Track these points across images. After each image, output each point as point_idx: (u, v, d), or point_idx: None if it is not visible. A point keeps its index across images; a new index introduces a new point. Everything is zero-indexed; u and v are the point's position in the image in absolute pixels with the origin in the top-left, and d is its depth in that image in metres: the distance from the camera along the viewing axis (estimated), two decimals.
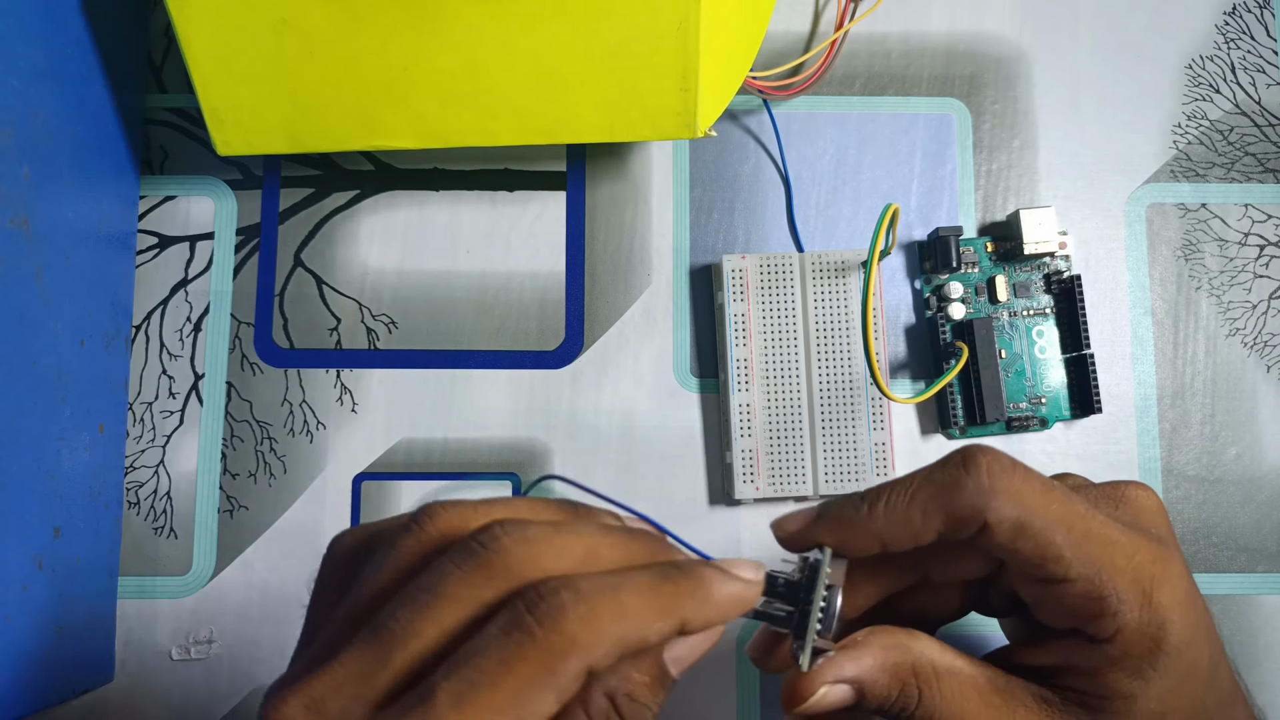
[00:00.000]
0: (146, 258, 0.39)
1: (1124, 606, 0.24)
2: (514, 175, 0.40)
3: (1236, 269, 0.40)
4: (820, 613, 0.24)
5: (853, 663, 0.25)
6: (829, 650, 0.25)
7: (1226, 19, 0.42)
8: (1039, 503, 0.24)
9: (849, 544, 0.26)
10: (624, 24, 0.33)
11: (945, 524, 0.25)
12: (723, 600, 0.22)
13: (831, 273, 0.38)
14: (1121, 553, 0.24)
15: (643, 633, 0.20)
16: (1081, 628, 0.25)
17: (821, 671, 0.25)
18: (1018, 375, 0.39)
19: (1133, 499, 0.27)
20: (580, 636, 0.19)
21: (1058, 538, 0.24)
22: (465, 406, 0.39)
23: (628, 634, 0.20)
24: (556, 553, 0.21)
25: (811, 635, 0.24)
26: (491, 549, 0.20)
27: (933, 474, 0.25)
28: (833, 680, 0.25)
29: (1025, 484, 0.25)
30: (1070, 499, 0.25)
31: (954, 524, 0.25)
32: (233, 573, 0.38)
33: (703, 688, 0.37)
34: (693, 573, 0.22)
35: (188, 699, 0.37)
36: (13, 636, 0.30)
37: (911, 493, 0.25)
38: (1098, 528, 0.24)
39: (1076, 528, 0.24)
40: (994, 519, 0.24)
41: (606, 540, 0.22)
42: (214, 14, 0.33)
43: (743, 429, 0.37)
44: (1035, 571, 0.25)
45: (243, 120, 0.34)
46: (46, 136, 0.32)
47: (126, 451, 0.38)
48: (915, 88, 0.41)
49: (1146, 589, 0.24)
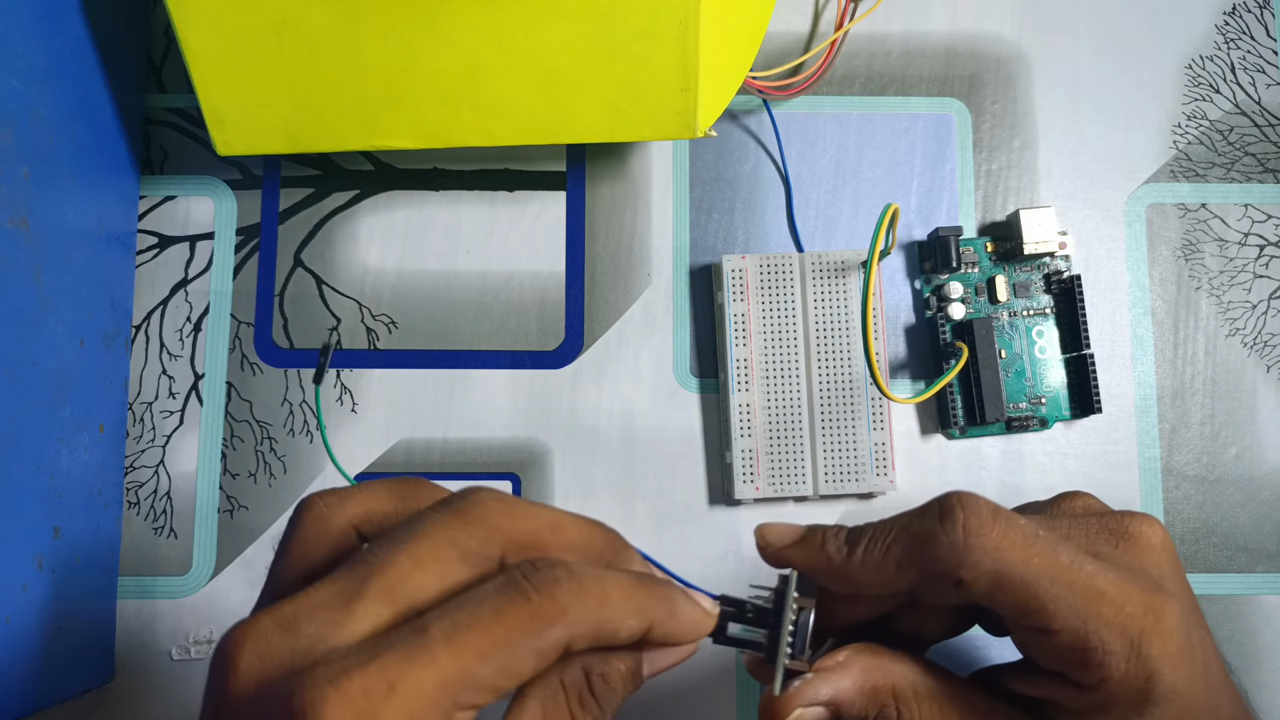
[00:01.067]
0: (146, 258, 0.39)
1: (1110, 658, 0.24)
2: (514, 175, 0.40)
3: (1236, 269, 0.40)
4: (790, 636, 0.25)
5: (829, 685, 0.25)
6: (805, 673, 0.25)
7: (1226, 19, 0.42)
8: (1019, 558, 0.24)
9: (824, 580, 0.26)
10: (624, 24, 0.33)
11: (919, 577, 0.25)
12: (684, 619, 0.23)
13: (831, 273, 0.38)
14: (1109, 604, 0.24)
15: (618, 623, 0.21)
16: (1067, 673, 0.25)
17: (798, 693, 0.25)
18: (1018, 375, 0.39)
19: (1135, 536, 0.26)
20: (569, 609, 0.20)
21: (1040, 591, 0.24)
22: (465, 406, 0.39)
23: (606, 620, 0.21)
24: (528, 514, 0.22)
25: (782, 660, 0.25)
26: (471, 501, 0.22)
27: (910, 525, 0.25)
28: (808, 703, 0.25)
29: (1004, 537, 0.24)
30: (1055, 550, 0.24)
31: (929, 578, 0.25)
32: (233, 573, 0.38)
33: (704, 690, 0.37)
34: (666, 586, 0.23)
35: (188, 699, 0.37)
36: (13, 636, 0.30)
37: (888, 543, 0.25)
38: (1084, 579, 0.24)
39: (1060, 579, 0.24)
40: (969, 576, 0.24)
41: (570, 518, 0.23)
42: (214, 14, 0.33)
43: (742, 429, 0.37)
44: (1019, 620, 0.24)
45: (243, 120, 0.34)
46: (46, 136, 0.32)
47: (126, 451, 0.38)
48: (915, 88, 0.41)
49: (1135, 640, 0.24)
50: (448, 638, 0.19)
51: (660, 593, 0.23)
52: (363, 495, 0.23)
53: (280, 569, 0.23)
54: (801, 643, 0.25)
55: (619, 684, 0.23)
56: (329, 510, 0.23)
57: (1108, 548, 0.25)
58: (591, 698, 0.22)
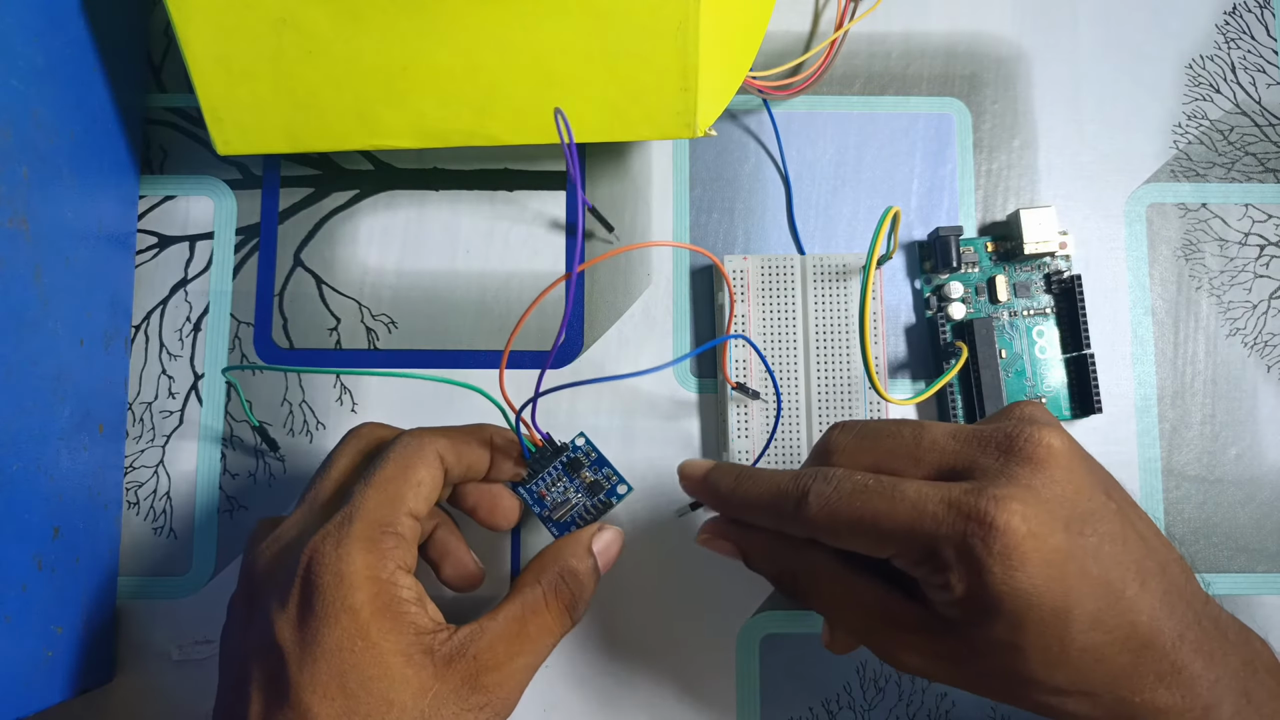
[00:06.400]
0: (146, 257, 0.39)
1: (946, 565, 0.26)
2: (514, 175, 0.40)
3: (1237, 269, 0.40)
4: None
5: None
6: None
7: (1226, 19, 0.42)
8: (846, 508, 0.28)
9: (722, 506, 0.33)
10: (624, 24, 0.33)
11: (779, 527, 0.30)
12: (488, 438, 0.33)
13: (832, 275, 0.38)
14: (930, 520, 0.27)
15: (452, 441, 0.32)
16: (926, 584, 0.28)
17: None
18: (1018, 375, 0.39)
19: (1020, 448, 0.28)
20: (419, 439, 0.31)
21: (870, 528, 0.27)
22: (465, 406, 0.39)
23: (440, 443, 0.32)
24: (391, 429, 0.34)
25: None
26: (358, 428, 0.33)
27: (778, 492, 0.30)
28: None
29: (837, 497, 0.28)
30: (887, 491, 0.28)
31: (794, 531, 0.30)
32: (233, 573, 0.38)
33: (704, 689, 0.37)
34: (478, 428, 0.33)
35: (188, 699, 0.37)
36: (13, 636, 0.30)
37: (760, 494, 0.30)
38: (906, 509, 0.27)
39: (886, 515, 0.27)
40: (822, 538, 0.29)
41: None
42: (214, 14, 0.33)
43: (741, 430, 0.37)
44: (869, 554, 0.28)
45: (242, 120, 0.34)
46: (46, 136, 0.32)
47: (126, 452, 0.38)
48: (915, 88, 0.41)
49: (962, 548, 0.26)
50: (365, 486, 0.30)
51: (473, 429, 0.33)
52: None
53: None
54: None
55: (586, 577, 0.31)
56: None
57: (989, 461, 0.28)
58: (564, 585, 0.31)
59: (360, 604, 0.28)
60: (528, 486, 0.34)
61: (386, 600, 0.28)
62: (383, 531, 0.29)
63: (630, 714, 0.37)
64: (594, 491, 0.34)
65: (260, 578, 0.30)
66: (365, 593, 0.28)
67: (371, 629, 0.27)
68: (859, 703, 0.37)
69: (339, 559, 0.28)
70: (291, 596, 0.28)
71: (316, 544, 0.28)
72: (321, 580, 0.28)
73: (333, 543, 0.28)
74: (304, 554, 0.28)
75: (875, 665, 0.38)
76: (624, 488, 0.34)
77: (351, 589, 0.28)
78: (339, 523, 0.29)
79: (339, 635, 0.27)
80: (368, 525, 0.29)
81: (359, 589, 0.28)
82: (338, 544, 0.28)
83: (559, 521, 0.34)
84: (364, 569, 0.28)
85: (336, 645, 0.27)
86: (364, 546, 0.28)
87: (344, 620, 0.27)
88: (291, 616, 0.28)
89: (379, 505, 0.29)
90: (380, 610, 0.28)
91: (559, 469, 0.34)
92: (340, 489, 0.31)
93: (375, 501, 0.29)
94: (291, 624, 0.28)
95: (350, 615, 0.27)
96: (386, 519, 0.29)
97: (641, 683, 0.37)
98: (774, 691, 0.37)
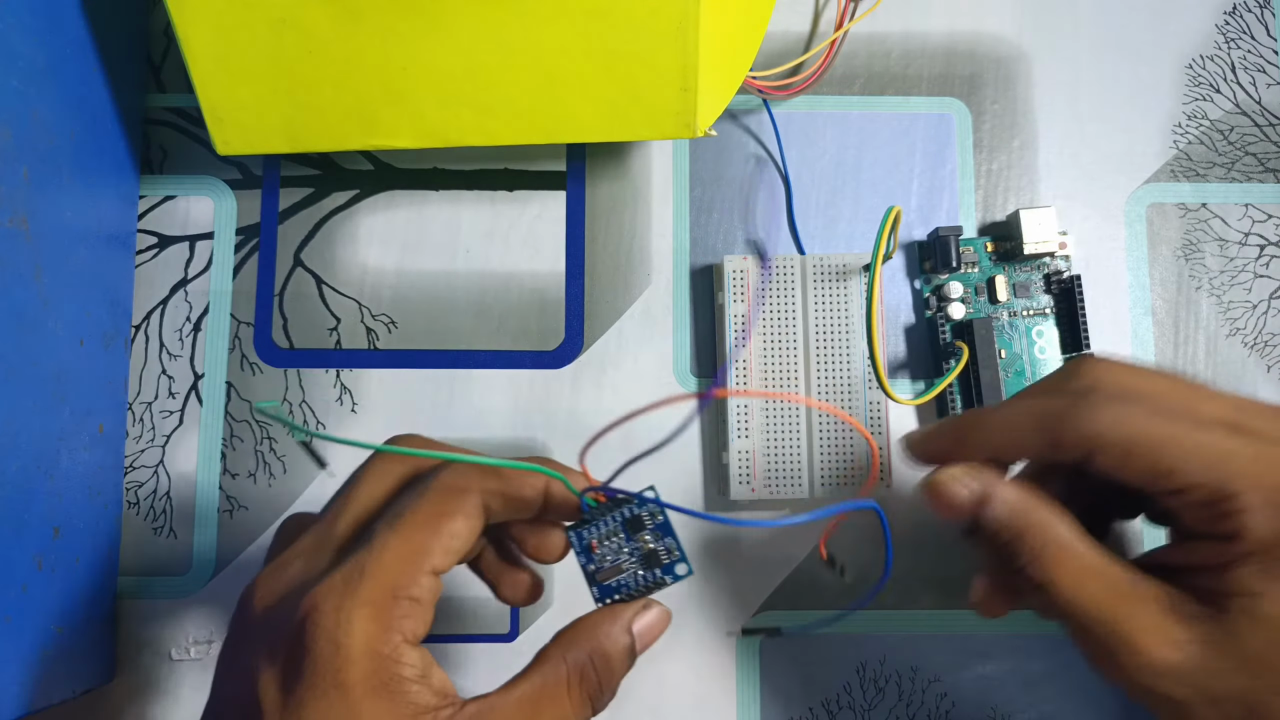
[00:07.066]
0: (146, 257, 0.39)
1: (1243, 504, 0.25)
2: (514, 175, 0.40)
3: (1237, 269, 0.40)
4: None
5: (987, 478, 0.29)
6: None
7: (1226, 19, 0.42)
8: (1141, 429, 0.26)
9: (965, 450, 0.30)
10: (624, 24, 0.33)
11: (1051, 449, 0.28)
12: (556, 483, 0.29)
13: (832, 276, 0.38)
14: (1236, 459, 0.25)
15: (502, 487, 0.28)
16: (1208, 529, 0.26)
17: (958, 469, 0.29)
18: (1018, 375, 0.39)
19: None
20: (464, 480, 0.27)
21: (1166, 455, 0.26)
22: (465, 406, 0.39)
23: (489, 486, 0.27)
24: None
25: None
26: (374, 459, 0.29)
27: (1047, 395, 0.28)
28: (963, 482, 0.29)
29: (1128, 414, 0.26)
30: (1181, 416, 0.26)
31: (1061, 450, 0.27)
32: (233, 573, 0.38)
33: (704, 689, 0.37)
34: (535, 474, 0.29)
35: (188, 699, 0.37)
36: (13, 636, 0.30)
37: (1025, 412, 0.28)
38: (1209, 440, 0.26)
39: (1184, 443, 0.26)
40: (1100, 452, 0.27)
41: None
42: (214, 14, 0.33)
43: (740, 430, 0.37)
44: (1154, 485, 0.26)
45: (242, 120, 0.34)
46: (46, 136, 0.32)
47: (126, 451, 0.38)
48: (915, 88, 0.41)
49: (1264, 489, 0.25)
50: (391, 526, 0.26)
51: (515, 475, 0.28)
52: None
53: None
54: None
55: (619, 661, 0.27)
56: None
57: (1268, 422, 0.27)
58: (592, 670, 0.27)
59: (354, 682, 0.24)
60: (579, 531, 0.30)
61: (385, 679, 0.25)
62: (395, 597, 0.25)
63: (630, 714, 0.37)
64: (649, 563, 0.30)
65: (257, 615, 0.26)
66: (361, 669, 0.25)
67: (363, 710, 0.24)
68: (859, 703, 0.37)
69: (337, 626, 0.25)
70: (280, 651, 0.25)
71: (318, 599, 0.25)
72: (315, 645, 0.24)
73: (334, 602, 0.25)
74: (302, 606, 0.25)
75: (875, 665, 0.38)
76: (683, 568, 0.30)
77: (347, 662, 0.24)
78: (347, 575, 0.25)
79: (324, 710, 0.24)
80: (379, 587, 0.25)
81: (355, 664, 0.24)
82: (339, 605, 0.25)
83: (602, 584, 0.30)
84: (364, 642, 0.25)
85: (321, 719, 0.24)
86: (369, 614, 0.25)
87: (333, 696, 0.24)
88: (277, 674, 0.25)
89: (397, 561, 0.25)
90: (375, 689, 0.25)
91: (618, 521, 0.30)
92: (361, 525, 0.27)
93: (395, 555, 0.25)
94: (276, 683, 0.25)
95: (340, 692, 0.24)
96: (402, 582, 0.25)
97: (641, 683, 0.37)
98: (774, 691, 0.37)
